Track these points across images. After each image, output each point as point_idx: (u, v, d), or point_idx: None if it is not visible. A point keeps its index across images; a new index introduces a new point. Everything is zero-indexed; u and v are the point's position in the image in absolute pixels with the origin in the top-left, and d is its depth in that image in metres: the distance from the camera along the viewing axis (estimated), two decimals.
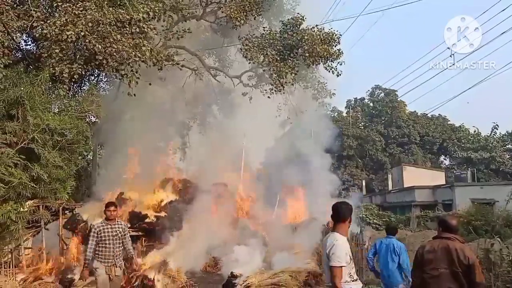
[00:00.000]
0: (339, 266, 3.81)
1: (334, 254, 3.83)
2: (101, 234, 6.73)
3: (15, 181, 6.70)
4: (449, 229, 4.41)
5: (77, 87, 13.52)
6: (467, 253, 4.15)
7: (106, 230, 6.79)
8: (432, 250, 4.33)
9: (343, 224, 4.12)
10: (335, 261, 3.82)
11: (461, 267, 4.07)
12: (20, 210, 7.11)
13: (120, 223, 7.11)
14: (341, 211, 4.13)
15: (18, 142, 7.10)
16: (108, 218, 6.90)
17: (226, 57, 17.19)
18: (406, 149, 39.82)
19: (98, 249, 6.74)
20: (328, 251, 3.90)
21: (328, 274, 3.95)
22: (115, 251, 6.82)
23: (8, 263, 9.30)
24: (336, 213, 4.14)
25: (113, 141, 15.98)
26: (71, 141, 8.27)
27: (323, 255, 4.23)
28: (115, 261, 6.83)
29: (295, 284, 9.46)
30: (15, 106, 7.15)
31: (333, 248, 3.86)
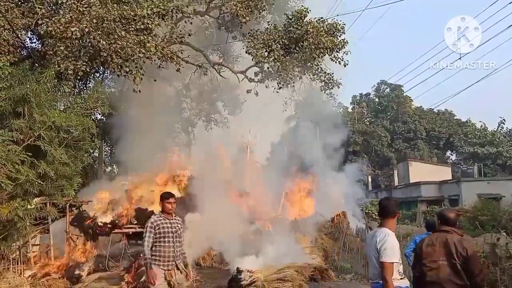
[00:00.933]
0: (391, 262, 3.81)
1: (386, 249, 3.82)
2: (160, 229, 5.55)
3: (22, 178, 6.73)
4: (447, 222, 4.44)
5: (82, 84, 13.58)
6: (465, 244, 4.17)
7: (166, 225, 5.61)
8: (431, 243, 4.35)
9: (392, 219, 4.17)
10: (387, 256, 3.80)
11: (459, 259, 4.08)
12: (27, 207, 7.15)
13: (178, 219, 5.95)
14: (390, 207, 4.18)
15: (24, 140, 7.14)
16: (167, 211, 5.75)
17: (231, 53, 17.17)
18: (412, 145, 39.65)
19: (154, 248, 5.54)
20: (379, 246, 3.88)
21: (374, 270, 3.94)
22: (176, 251, 5.64)
23: (16, 259, 9.38)
24: (384, 209, 4.19)
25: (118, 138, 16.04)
26: (77, 138, 8.32)
27: (368, 250, 4.20)
28: (176, 264, 5.64)
29: (301, 279, 9.46)
30: (21, 103, 7.18)
31: (385, 243, 3.85)
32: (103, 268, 12.14)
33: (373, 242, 4.04)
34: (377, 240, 3.91)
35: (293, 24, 12.30)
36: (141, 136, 15.21)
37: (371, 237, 4.21)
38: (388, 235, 3.91)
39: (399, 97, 40.50)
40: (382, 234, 3.94)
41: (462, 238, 4.34)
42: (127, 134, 15.62)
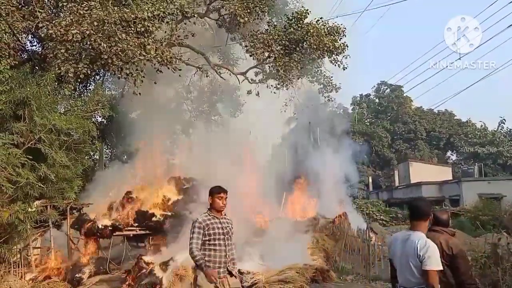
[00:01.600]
0: (437, 269, 3.70)
1: (430, 257, 3.69)
2: (209, 230, 4.81)
3: (23, 181, 6.73)
4: (439, 222, 4.51)
5: (82, 87, 13.61)
6: (450, 243, 4.20)
7: (216, 225, 4.87)
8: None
9: (424, 222, 4.03)
10: (432, 264, 3.67)
11: (445, 258, 4.09)
12: (28, 210, 7.15)
13: (228, 218, 5.20)
14: (423, 209, 4.05)
15: (25, 143, 7.15)
16: (217, 209, 5.01)
17: (231, 54, 17.19)
18: (412, 145, 39.66)
19: (205, 252, 4.79)
20: (421, 254, 3.72)
21: (411, 277, 3.81)
22: (228, 255, 4.90)
23: (17, 263, 9.38)
24: (417, 211, 4.04)
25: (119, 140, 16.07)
26: (78, 141, 8.32)
27: (399, 256, 3.99)
28: (227, 270, 4.88)
29: (302, 280, 9.44)
30: (21, 106, 7.19)
31: (428, 251, 3.71)
32: (104, 271, 12.13)
33: (409, 248, 3.85)
34: (418, 247, 3.75)
35: (293, 25, 12.32)
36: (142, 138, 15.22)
37: (402, 241, 3.99)
38: (428, 241, 3.78)
39: (399, 98, 40.53)
40: (422, 240, 3.78)
41: (449, 237, 4.37)
42: (128, 136, 15.64)
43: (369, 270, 11.00)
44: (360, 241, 12.75)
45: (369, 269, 11.04)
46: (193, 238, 4.84)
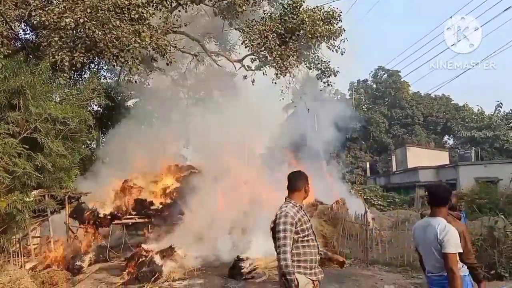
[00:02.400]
0: (456, 252, 3.75)
1: (449, 240, 3.73)
2: (302, 225, 3.91)
3: (20, 171, 6.70)
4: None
5: (77, 76, 13.50)
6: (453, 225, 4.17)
7: (305, 218, 4.00)
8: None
9: (444, 208, 4.06)
10: (451, 247, 3.72)
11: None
12: (26, 200, 7.13)
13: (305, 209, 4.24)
14: (442, 195, 4.07)
15: (20, 132, 7.09)
16: (305, 197, 4.18)
17: (227, 41, 17.06)
18: (409, 130, 39.68)
19: (294, 252, 3.86)
20: (441, 237, 3.77)
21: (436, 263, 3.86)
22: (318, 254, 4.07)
23: (16, 252, 9.41)
24: (437, 197, 4.06)
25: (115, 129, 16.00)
26: (74, 130, 8.25)
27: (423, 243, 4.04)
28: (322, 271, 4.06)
29: None
30: (16, 96, 7.11)
31: (447, 234, 3.75)
32: (104, 259, 12.21)
33: (430, 234, 3.89)
34: (437, 231, 3.79)
35: (288, 14, 12.21)
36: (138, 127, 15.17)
37: (423, 228, 4.02)
38: (447, 225, 3.82)
39: (397, 83, 40.41)
40: (442, 225, 3.81)
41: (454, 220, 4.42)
42: (125, 125, 15.57)
43: (367, 254, 11.11)
44: (358, 226, 12.84)
45: (367, 253, 11.14)
46: (286, 238, 3.77)
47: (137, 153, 15.35)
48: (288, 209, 3.92)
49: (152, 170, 15.65)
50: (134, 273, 9.61)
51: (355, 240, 12.27)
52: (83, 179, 13.46)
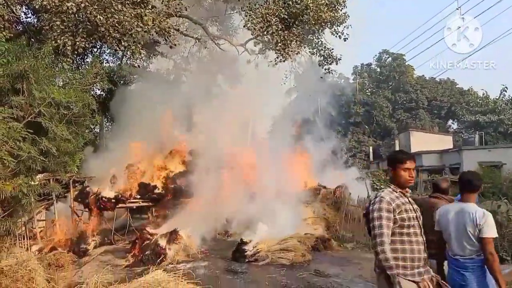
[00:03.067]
0: (493, 237, 3.87)
1: (488, 225, 3.85)
2: (401, 214, 3.32)
3: (24, 155, 6.73)
4: (439, 190, 4.99)
5: (80, 60, 13.45)
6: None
7: (408, 207, 3.39)
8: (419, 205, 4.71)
9: (475, 194, 4.19)
10: (490, 232, 3.84)
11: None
12: (31, 183, 7.18)
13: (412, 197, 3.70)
14: (474, 183, 4.16)
15: (25, 116, 7.11)
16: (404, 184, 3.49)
17: (229, 25, 16.89)
18: (413, 114, 39.47)
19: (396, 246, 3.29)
20: (481, 223, 3.86)
21: (470, 246, 3.95)
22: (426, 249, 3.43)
23: (22, 235, 9.53)
24: (468, 184, 4.17)
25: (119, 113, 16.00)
26: (78, 115, 8.26)
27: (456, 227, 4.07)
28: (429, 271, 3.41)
29: (304, 249, 9.63)
30: (19, 80, 7.09)
31: (487, 220, 3.86)
32: (109, 242, 12.37)
33: (466, 218, 3.99)
34: (476, 217, 3.90)
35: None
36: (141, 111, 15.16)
37: (456, 213, 4.11)
38: (485, 211, 3.95)
39: (401, 67, 40.05)
40: (480, 211, 3.93)
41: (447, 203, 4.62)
42: (127, 109, 15.56)
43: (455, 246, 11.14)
44: (360, 210, 12.90)
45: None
46: (382, 227, 3.22)
47: (141, 137, 15.38)
48: (384, 193, 3.41)
49: (155, 154, 15.70)
50: (138, 255, 9.74)
51: (357, 224, 12.34)
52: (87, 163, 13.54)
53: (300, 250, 9.46)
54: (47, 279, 6.97)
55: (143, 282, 4.51)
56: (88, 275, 7.73)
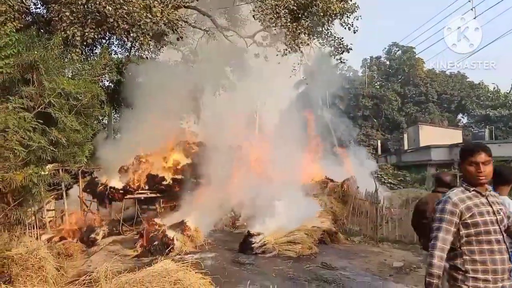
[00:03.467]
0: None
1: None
2: (473, 218, 2.84)
3: (35, 145, 6.80)
4: (443, 184, 4.93)
5: (89, 51, 13.47)
6: None
7: (483, 209, 2.88)
8: (425, 202, 4.84)
9: (508, 187, 4.23)
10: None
11: None
12: (41, 173, 7.26)
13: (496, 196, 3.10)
14: (507, 174, 4.23)
15: (35, 107, 7.16)
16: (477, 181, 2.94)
17: (238, 16, 16.80)
18: (423, 108, 39.14)
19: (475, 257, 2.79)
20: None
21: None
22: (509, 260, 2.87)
23: (32, 224, 9.66)
24: (502, 176, 4.21)
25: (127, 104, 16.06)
26: (87, 105, 8.30)
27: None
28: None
29: (311, 241, 9.64)
30: (29, 70, 7.15)
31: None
32: (117, 232, 12.49)
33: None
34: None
35: None
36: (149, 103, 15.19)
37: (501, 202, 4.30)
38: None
39: (411, 60, 39.65)
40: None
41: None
42: (136, 101, 15.61)
43: (376, 232, 11.17)
44: (368, 203, 12.87)
45: (376, 230, 11.20)
46: (439, 230, 2.84)
47: (148, 128, 15.43)
48: (453, 193, 2.94)
49: (163, 146, 15.76)
50: (146, 246, 9.82)
51: (365, 218, 12.33)
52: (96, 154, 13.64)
53: (307, 243, 9.48)
54: (57, 267, 7.06)
55: (152, 271, 4.54)
56: (97, 264, 7.82)
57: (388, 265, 8.33)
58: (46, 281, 6.29)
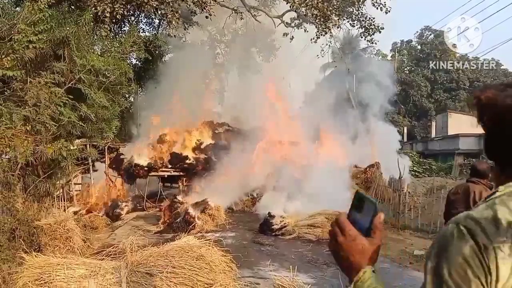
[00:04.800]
0: None
1: None
2: None
3: (65, 120, 6.97)
4: (476, 173, 4.66)
5: (117, 28, 13.59)
6: (484, 194, 4.29)
7: None
8: (456, 192, 4.69)
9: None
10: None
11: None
12: (70, 147, 7.46)
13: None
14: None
15: (65, 82, 7.31)
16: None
17: None
18: (453, 95, 38.05)
19: None
20: None
21: None
22: None
23: (59, 197, 9.99)
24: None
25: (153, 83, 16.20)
26: (115, 82, 8.42)
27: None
28: None
29: None
30: (61, 46, 7.27)
31: None
32: (141, 208, 12.79)
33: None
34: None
35: None
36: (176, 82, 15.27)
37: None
38: None
39: (443, 44, 38.39)
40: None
41: (485, 189, 4.43)
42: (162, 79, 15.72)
43: (398, 219, 11.06)
44: (391, 190, 12.73)
45: (398, 218, 11.09)
46: None
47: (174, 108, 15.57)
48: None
49: (188, 125, 15.89)
50: (169, 223, 10.03)
51: (387, 204, 12.21)
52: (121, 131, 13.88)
53: (327, 227, 9.47)
54: (83, 239, 7.32)
55: (175, 246, 4.65)
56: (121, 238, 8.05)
57: (409, 253, 8.26)
58: (73, 251, 6.54)
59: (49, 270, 4.17)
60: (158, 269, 4.24)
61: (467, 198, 4.45)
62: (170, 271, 4.19)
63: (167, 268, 4.20)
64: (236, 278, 4.92)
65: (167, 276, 4.15)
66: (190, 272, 4.26)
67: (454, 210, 4.53)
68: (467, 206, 4.37)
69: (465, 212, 0.96)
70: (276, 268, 6.54)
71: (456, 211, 4.51)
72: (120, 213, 11.66)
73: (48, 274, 4.12)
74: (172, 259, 4.31)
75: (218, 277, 4.40)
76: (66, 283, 4.06)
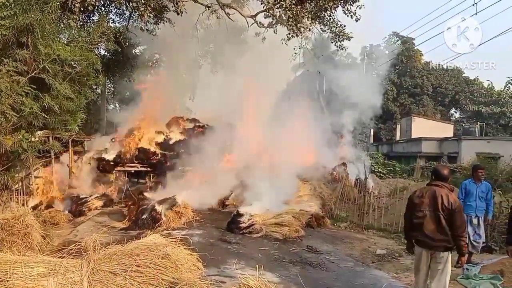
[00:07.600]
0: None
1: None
2: None
3: (26, 110, 6.67)
4: (440, 177, 4.81)
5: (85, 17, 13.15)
6: (450, 199, 4.57)
7: None
8: (420, 195, 4.78)
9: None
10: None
11: (444, 211, 4.53)
12: (31, 139, 7.16)
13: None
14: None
15: (28, 71, 6.99)
16: None
17: None
18: (417, 100, 39.24)
19: None
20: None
21: None
22: None
23: (19, 190, 9.59)
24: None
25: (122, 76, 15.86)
26: (81, 73, 8.12)
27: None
28: None
29: (298, 224, 9.72)
30: (25, 33, 6.94)
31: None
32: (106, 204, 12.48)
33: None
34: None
35: None
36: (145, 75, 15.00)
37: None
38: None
39: (410, 51, 39.53)
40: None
41: (450, 193, 4.68)
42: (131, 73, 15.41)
43: (363, 219, 11.31)
44: (356, 191, 12.99)
45: (363, 218, 11.34)
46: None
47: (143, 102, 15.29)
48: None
49: (157, 121, 15.66)
50: (135, 219, 9.83)
51: (352, 204, 12.45)
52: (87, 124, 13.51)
53: (294, 226, 9.56)
54: (43, 235, 7.04)
55: (140, 244, 4.55)
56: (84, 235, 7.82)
57: (372, 252, 8.46)
58: (31, 248, 6.27)
59: (5, 268, 3.99)
60: (122, 268, 4.13)
61: (435, 201, 4.61)
62: (134, 270, 4.10)
63: (131, 267, 4.11)
64: (202, 277, 4.88)
65: (131, 275, 4.06)
66: (155, 271, 4.19)
67: (419, 213, 4.70)
68: (434, 209, 4.59)
69: None
70: (243, 266, 6.53)
71: (422, 213, 4.68)
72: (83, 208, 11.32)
73: (5, 272, 3.94)
74: (137, 258, 4.22)
75: (184, 276, 4.35)
76: (24, 282, 3.89)
